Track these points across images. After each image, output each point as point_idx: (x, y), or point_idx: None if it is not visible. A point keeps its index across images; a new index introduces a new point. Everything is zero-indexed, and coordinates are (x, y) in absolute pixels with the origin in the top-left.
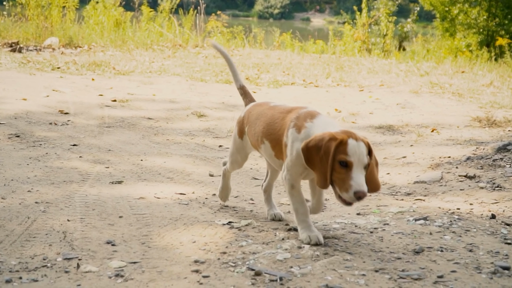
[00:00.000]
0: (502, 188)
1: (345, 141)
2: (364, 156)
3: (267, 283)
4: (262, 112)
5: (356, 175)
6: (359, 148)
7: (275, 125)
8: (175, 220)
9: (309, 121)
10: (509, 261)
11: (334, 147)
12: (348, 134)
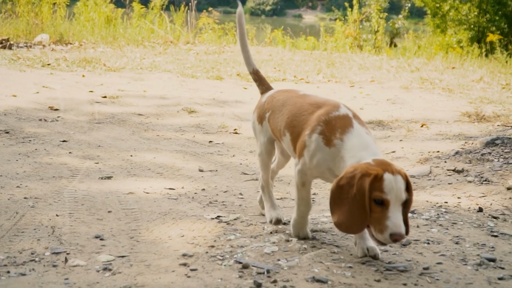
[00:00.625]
0: (489, 182)
1: (380, 176)
2: (402, 192)
3: (254, 275)
4: (290, 99)
5: (393, 214)
6: (397, 183)
7: (301, 117)
8: (164, 214)
9: (339, 136)
10: (495, 253)
11: (369, 184)
12: (384, 167)
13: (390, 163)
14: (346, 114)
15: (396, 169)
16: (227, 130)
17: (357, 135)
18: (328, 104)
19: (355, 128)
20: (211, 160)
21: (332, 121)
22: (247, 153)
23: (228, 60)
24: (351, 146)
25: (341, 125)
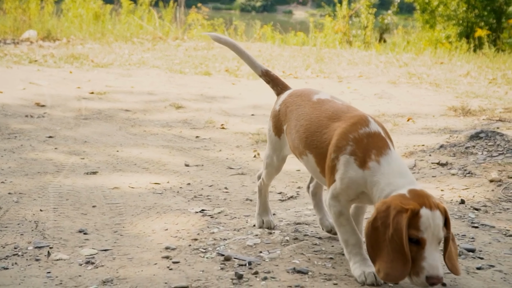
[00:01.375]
0: (473, 174)
1: (416, 212)
2: (440, 230)
3: (236, 267)
4: (304, 110)
5: (430, 254)
6: (434, 220)
7: (322, 136)
8: (148, 209)
9: (374, 158)
10: (475, 244)
11: (406, 222)
12: (421, 200)
13: (428, 195)
14: (379, 133)
15: (435, 203)
16: (214, 125)
17: (395, 159)
18: (350, 115)
19: (392, 150)
20: (197, 155)
21: (363, 139)
22: (233, 148)
23: (217, 56)
24: (388, 171)
25: (376, 145)
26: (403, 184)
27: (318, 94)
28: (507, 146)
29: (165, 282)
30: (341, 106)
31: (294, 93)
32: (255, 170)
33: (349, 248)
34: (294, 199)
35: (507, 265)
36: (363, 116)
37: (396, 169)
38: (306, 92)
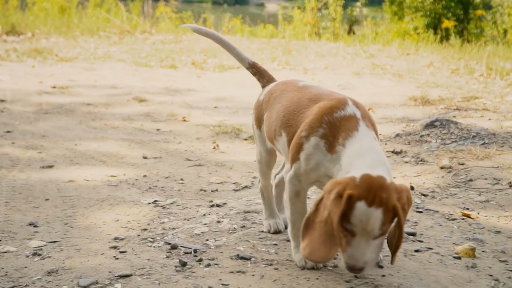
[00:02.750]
0: (425, 162)
1: (352, 204)
2: (376, 228)
3: (181, 255)
4: (287, 93)
5: (357, 246)
6: (369, 218)
7: (300, 115)
8: (101, 201)
9: (342, 141)
10: (417, 228)
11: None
12: (365, 191)
13: (380, 185)
14: (353, 115)
15: (381, 198)
16: (176, 118)
17: (360, 140)
18: (332, 98)
19: (360, 131)
20: (156, 148)
21: (337, 123)
22: (193, 140)
23: (184, 49)
24: (350, 152)
25: (346, 128)
26: (360, 166)
27: (305, 82)
28: (460, 134)
29: (109, 271)
30: (326, 90)
31: (281, 82)
32: (213, 161)
33: (294, 230)
34: (248, 189)
35: (445, 248)
36: (343, 99)
37: (358, 150)
38: (292, 80)
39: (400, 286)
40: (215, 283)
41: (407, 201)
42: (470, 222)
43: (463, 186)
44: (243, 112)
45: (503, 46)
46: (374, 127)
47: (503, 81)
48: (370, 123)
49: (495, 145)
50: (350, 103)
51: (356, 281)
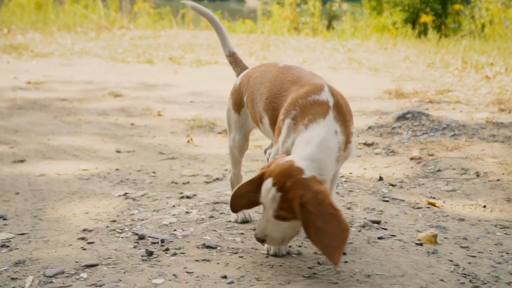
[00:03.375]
0: (395, 153)
1: (263, 179)
2: (272, 208)
3: (148, 245)
4: (269, 75)
5: (262, 218)
6: (269, 196)
7: (281, 98)
8: (72, 194)
9: (306, 122)
10: (382, 216)
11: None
12: (277, 174)
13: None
14: (326, 101)
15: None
16: (151, 112)
17: (319, 128)
18: (311, 84)
19: (325, 119)
20: (130, 142)
21: (309, 106)
22: (167, 134)
23: (162, 44)
24: (304, 135)
25: (315, 112)
26: (296, 153)
27: (284, 62)
28: (431, 125)
29: (76, 261)
30: (308, 73)
31: (258, 65)
32: (186, 154)
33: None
34: (220, 181)
35: (408, 235)
36: (319, 84)
37: (309, 137)
38: (271, 62)
39: (362, 271)
40: (180, 271)
41: (312, 201)
42: (435, 210)
43: (432, 176)
44: (219, 107)
45: (480, 40)
46: (345, 117)
47: (478, 74)
48: (341, 113)
49: (465, 136)
50: (327, 89)
51: (318, 267)
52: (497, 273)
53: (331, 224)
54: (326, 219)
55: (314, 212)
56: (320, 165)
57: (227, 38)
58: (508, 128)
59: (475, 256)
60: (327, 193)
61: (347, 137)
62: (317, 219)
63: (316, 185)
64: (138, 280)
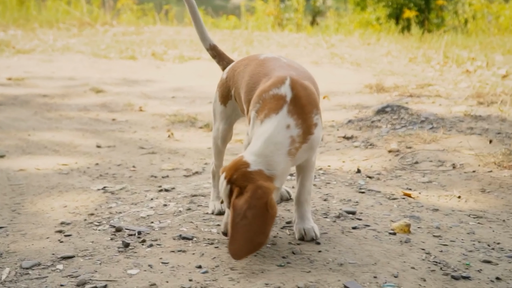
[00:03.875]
0: (374, 146)
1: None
2: (226, 200)
3: (125, 237)
4: (249, 68)
5: (226, 212)
6: (221, 188)
7: (254, 90)
8: (51, 188)
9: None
10: (357, 207)
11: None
12: (229, 168)
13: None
14: (284, 95)
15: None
16: (132, 108)
17: (271, 123)
18: (276, 77)
19: (278, 114)
20: (110, 137)
21: (270, 99)
22: (149, 129)
23: (145, 41)
24: (258, 131)
25: (271, 107)
26: (249, 148)
27: (266, 54)
28: (410, 119)
29: (52, 253)
30: (279, 66)
31: (242, 58)
32: (166, 149)
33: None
34: (199, 175)
35: (382, 225)
36: (282, 77)
37: (261, 133)
38: (253, 54)
39: (335, 260)
40: (155, 262)
41: (251, 192)
42: (410, 201)
43: (409, 169)
44: (200, 102)
45: (463, 35)
46: (304, 109)
47: (459, 69)
48: (299, 106)
49: (443, 129)
50: (287, 83)
51: (292, 257)
52: (468, 261)
53: (259, 221)
54: (256, 215)
55: (249, 202)
56: (267, 160)
57: (205, 30)
58: (486, 121)
59: (447, 245)
60: (268, 190)
61: (306, 129)
62: (249, 210)
63: (261, 179)
64: (113, 271)
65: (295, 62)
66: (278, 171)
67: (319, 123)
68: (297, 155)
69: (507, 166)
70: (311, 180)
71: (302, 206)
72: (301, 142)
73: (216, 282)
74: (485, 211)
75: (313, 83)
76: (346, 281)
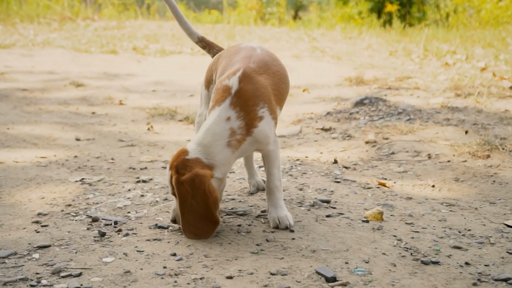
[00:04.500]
0: (352, 137)
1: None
2: (168, 183)
3: (101, 227)
4: (228, 55)
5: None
6: (165, 174)
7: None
8: (29, 180)
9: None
10: (332, 196)
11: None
12: (173, 156)
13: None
14: (229, 87)
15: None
16: (112, 101)
17: (213, 115)
18: (234, 68)
19: (221, 106)
20: (90, 130)
21: (218, 90)
22: (128, 122)
23: (126, 35)
24: (204, 124)
25: (218, 98)
26: (194, 137)
27: (247, 43)
28: (388, 110)
29: (29, 243)
30: (249, 55)
31: (230, 46)
32: (146, 142)
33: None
34: None
35: (356, 213)
36: (236, 69)
37: (204, 123)
38: (240, 43)
39: (308, 247)
40: (130, 250)
41: (189, 181)
42: (385, 190)
43: (385, 159)
44: (181, 95)
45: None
46: (247, 102)
47: (438, 62)
48: (243, 99)
49: (420, 121)
50: (238, 74)
51: (266, 244)
52: (438, 247)
53: (204, 208)
54: (199, 202)
55: (190, 192)
56: (205, 149)
57: (190, 25)
58: (463, 112)
59: (418, 232)
60: (205, 178)
61: (249, 121)
62: (192, 199)
63: (198, 167)
64: (89, 259)
65: (272, 54)
66: (217, 161)
67: (265, 116)
68: (240, 147)
69: (481, 156)
70: (277, 168)
71: (273, 194)
72: (244, 135)
73: (190, 269)
74: (458, 200)
75: (283, 77)
76: (318, 267)
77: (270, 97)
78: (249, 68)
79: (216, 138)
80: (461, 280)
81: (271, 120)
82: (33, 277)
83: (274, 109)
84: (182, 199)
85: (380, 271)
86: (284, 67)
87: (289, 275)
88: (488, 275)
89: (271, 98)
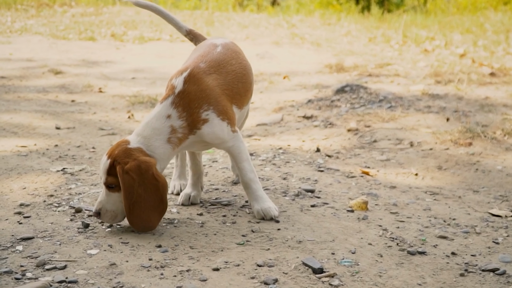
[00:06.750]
0: (333, 125)
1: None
2: (101, 175)
3: (85, 218)
4: (194, 50)
5: (101, 193)
6: (100, 165)
7: None
8: (9, 170)
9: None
10: (316, 185)
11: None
12: (112, 146)
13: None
14: (174, 87)
15: (112, 153)
16: (92, 89)
17: (154, 111)
18: (184, 66)
19: (163, 104)
20: (70, 118)
21: (168, 87)
22: (108, 110)
23: (104, 21)
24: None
25: (164, 95)
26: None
27: (216, 40)
28: (369, 98)
29: (12, 235)
30: (205, 54)
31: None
32: (127, 130)
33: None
34: None
35: (340, 202)
36: (183, 69)
37: (146, 118)
38: (210, 38)
39: (294, 238)
40: (115, 242)
41: (135, 169)
42: (368, 179)
43: (368, 147)
44: (161, 83)
45: (422, 15)
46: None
47: (417, 48)
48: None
49: (401, 108)
50: (184, 75)
51: (252, 235)
52: (424, 236)
53: (152, 194)
54: (148, 188)
55: (136, 180)
56: (145, 141)
57: (178, 20)
58: (443, 99)
59: (403, 221)
60: (150, 163)
61: (192, 123)
62: (139, 187)
63: (141, 155)
64: (73, 251)
65: (234, 52)
66: (157, 154)
67: (211, 118)
68: (182, 145)
69: (463, 143)
70: (245, 161)
71: (249, 187)
72: (186, 134)
73: (176, 261)
74: (442, 188)
75: (240, 76)
76: (304, 258)
77: (218, 99)
78: (197, 68)
79: (156, 133)
80: (448, 270)
81: (220, 121)
82: (18, 270)
83: (225, 109)
84: (127, 190)
85: (366, 262)
86: (245, 65)
87: (276, 267)
88: (475, 265)
89: (219, 100)
